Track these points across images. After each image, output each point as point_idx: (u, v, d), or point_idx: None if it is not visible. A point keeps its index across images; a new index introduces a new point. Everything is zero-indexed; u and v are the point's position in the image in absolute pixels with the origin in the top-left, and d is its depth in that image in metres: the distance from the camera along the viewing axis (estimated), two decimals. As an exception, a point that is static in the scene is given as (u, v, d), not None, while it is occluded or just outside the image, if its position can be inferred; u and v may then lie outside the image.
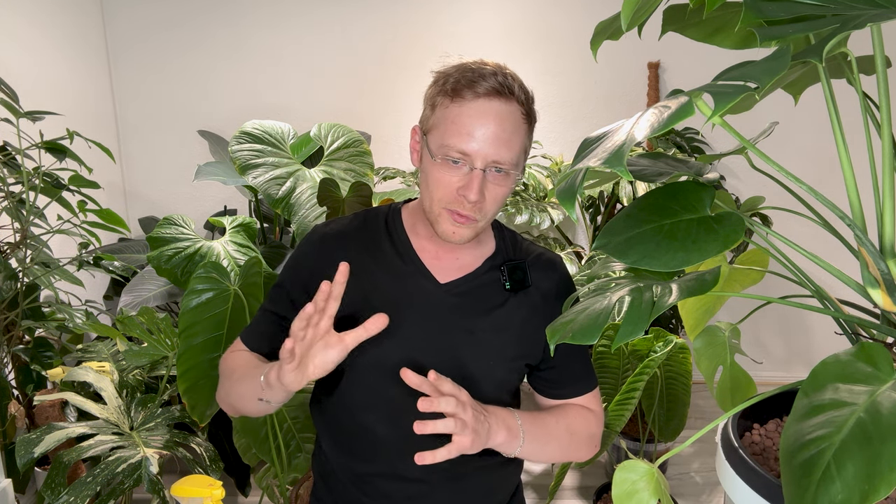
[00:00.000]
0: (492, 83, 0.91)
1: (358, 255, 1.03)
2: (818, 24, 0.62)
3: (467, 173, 0.93)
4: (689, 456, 2.58)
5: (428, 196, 0.97)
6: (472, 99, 0.91)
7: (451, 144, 0.91)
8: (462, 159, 0.92)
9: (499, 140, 0.91)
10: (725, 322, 1.06)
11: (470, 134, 0.91)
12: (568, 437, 1.03)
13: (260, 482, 1.74)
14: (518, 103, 0.94)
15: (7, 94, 1.77)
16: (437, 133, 0.94)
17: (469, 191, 0.92)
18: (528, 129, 0.97)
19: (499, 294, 1.03)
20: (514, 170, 0.95)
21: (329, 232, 1.07)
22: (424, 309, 1.00)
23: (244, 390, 0.96)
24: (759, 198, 1.03)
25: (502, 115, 0.92)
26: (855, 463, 0.53)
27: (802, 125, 2.84)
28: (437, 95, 0.96)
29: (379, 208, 1.10)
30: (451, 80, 0.94)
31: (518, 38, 2.93)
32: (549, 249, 1.14)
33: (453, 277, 1.03)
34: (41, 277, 1.89)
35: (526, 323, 1.03)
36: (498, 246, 1.08)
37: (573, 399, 1.09)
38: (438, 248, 1.04)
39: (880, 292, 0.74)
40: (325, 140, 2.46)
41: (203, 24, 2.93)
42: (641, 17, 0.86)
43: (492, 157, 0.91)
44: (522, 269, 1.04)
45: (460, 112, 0.92)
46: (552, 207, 2.54)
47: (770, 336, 3.20)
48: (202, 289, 1.55)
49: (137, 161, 3.08)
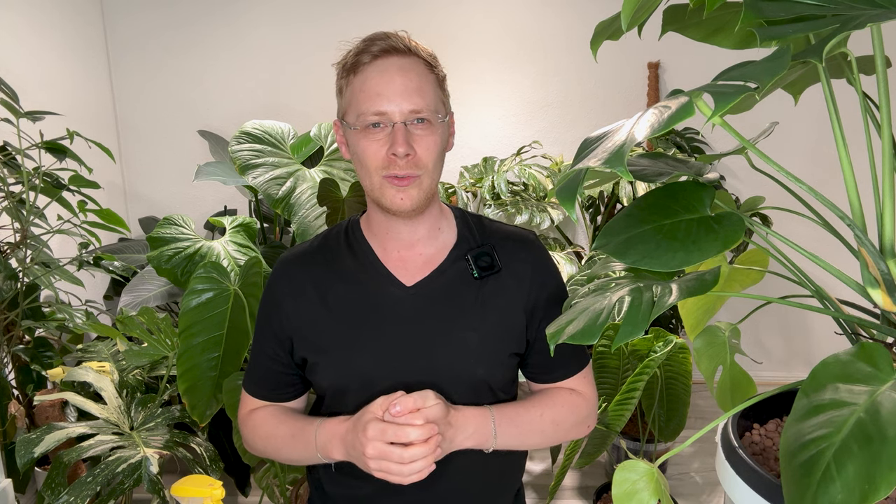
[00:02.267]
0: (383, 44, 0.93)
1: (321, 274, 1.03)
2: (818, 24, 0.62)
3: (390, 132, 0.92)
4: (689, 456, 2.58)
5: (364, 173, 0.96)
6: (369, 62, 0.92)
7: (365, 110, 0.92)
8: (379, 120, 0.92)
9: (407, 90, 0.91)
10: (725, 322, 1.06)
11: (378, 94, 0.91)
12: (553, 428, 1.02)
13: (260, 482, 1.74)
14: (418, 56, 0.94)
15: (7, 94, 1.77)
16: (352, 109, 0.95)
17: (395, 145, 0.91)
18: (436, 81, 0.96)
19: (469, 286, 1.01)
20: (436, 117, 0.94)
21: (289, 257, 1.07)
22: (395, 316, 0.99)
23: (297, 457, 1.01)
24: (759, 198, 1.02)
25: (404, 67, 0.92)
26: (855, 463, 0.53)
27: (802, 125, 2.84)
28: (341, 79, 0.97)
29: (339, 224, 1.10)
30: (347, 59, 0.95)
31: (518, 38, 2.93)
32: (522, 228, 1.10)
33: (419, 277, 1.01)
34: (41, 277, 1.89)
35: (503, 311, 1.01)
36: (461, 234, 1.05)
37: (563, 382, 1.07)
38: (399, 245, 1.02)
39: (880, 292, 0.74)
40: (325, 140, 2.46)
41: (203, 24, 2.93)
42: (641, 18, 0.86)
43: (406, 107, 0.91)
44: (488, 253, 1.02)
45: (363, 79, 0.92)
46: (552, 207, 2.54)
47: (770, 336, 3.20)
48: (202, 289, 1.55)
49: (137, 161, 3.08)
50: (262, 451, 1.07)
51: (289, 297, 1.02)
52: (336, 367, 1.00)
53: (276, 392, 1.08)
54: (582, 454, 1.86)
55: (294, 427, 1.01)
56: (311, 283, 1.02)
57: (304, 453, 0.99)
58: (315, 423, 0.98)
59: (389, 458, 0.86)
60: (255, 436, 1.06)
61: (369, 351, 0.99)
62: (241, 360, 1.60)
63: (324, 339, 1.00)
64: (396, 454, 0.85)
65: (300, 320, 1.01)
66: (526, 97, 3.00)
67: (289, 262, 1.06)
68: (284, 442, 1.01)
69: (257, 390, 1.09)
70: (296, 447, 1.00)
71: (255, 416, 1.08)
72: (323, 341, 1.00)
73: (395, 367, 0.98)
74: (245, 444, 1.10)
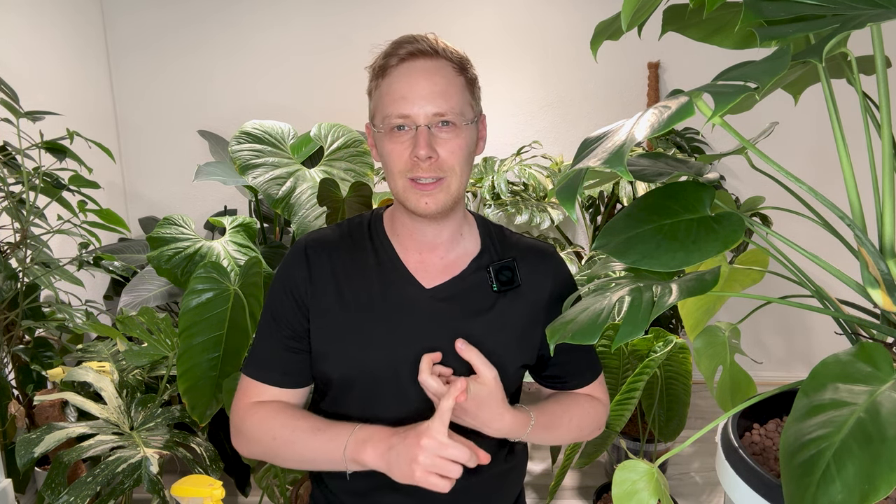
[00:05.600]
0: (411, 47, 0.92)
1: (343, 265, 1.02)
2: (818, 24, 0.62)
3: (413, 135, 0.92)
4: (689, 456, 2.58)
5: (389, 174, 0.96)
6: (396, 65, 0.92)
7: (390, 113, 0.92)
8: (403, 123, 0.92)
9: (432, 93, 0.91)
10: (725, 322, 1.06)
11: (403, 97, 0.91)
12: (576, 432, 1.06)
13: (260, 482, 1.74)
14: (446, 59, 0.94)
15: (7, 94, 1.77)
16: (378, 112, 0.95)
17: (418, 148, 0.91)
18: (465, 84, 0.95)
19: (487, 296, 1.01)
20: (462, 120, 0.94)
21: (311, 241, 1.05)
22: (411, 317, 0.99)
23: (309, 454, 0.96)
24: (759, 198, 1.02)
25: (430, 70, 0.92)
26: (855, 463, 0.53)
27: (802, 125, 2.84)
28: (371, 83, 0.97)
29: (361, 216, 1.09)
30: (376, 63, 0.95)
31: (518, 38, 2.93)
32: (540, 240, 1.11)
33: (439, 281, 1.01)
34: (41, 277, 1.89)
35: (519, 323, 1.01)
36: (484, 244, 1.05)
37: (580, 390, 1.09)
38: (421, 247, 1.02)
39: (880, 292, 0.74)
40: (325, 140, 2.46)
41: (203, 24, 2.93)
42: (641, 17, 0.86)
43: (430, 110, 0.91)
44: (510, 267, 1.02)
45: (390, 82, 0.93)
46: (552, 207, 2.54)
47: (770, 336, 3.20)
48: (202, 289, 1.55)
49: (137, 161, 3.08)
50: (265, 446, 0.99)
51: (308, 279, 1.01)
52: (347, 360, 0.99)
53: (287, 377, 1.02)
54: (582, 454, 1.86)
55: (317, 423, 0.96)
56: (330, 270, 1.01)
57: (327, 449, 0.93)
58: (348, 424, 0.95)
59: (441, 469, 0.85)
60: (263, 428, 0.98)
61: (382, 347, 0.98)
62: (241, 361, 1.60)
63: (338, 330, 0.99)
64: (448, 467, 0.85)
65: (316, 306, 1.00)
66: (526, 97, 3.00)
67: (311, 245, 1.04)
68: (304, 435, 0.95)
69: (265, 374, 1.02)
70: (319, 442, 0.94)
71: (262, 408, 1.00)
72: (337, 332, 0.99)
73: (404, 367, 0.97)
74: (240, 438, 1.01)
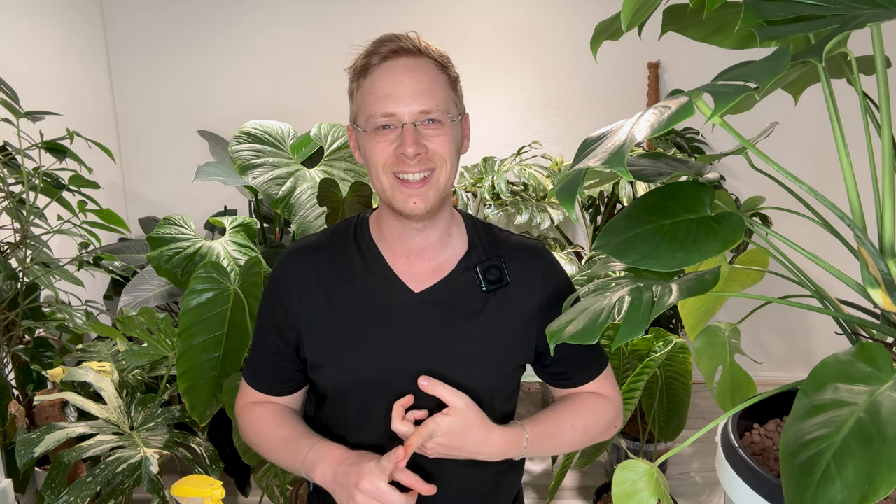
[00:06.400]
0: (394, 45, 0.91)
1: (329, 271, 1.01)
2: (818, 24, 0.62)
3: (399, 133, 0.91)
4: (689, 456, 2.58)
5: (374, 173, 0.94)
6: (378, 64, 0.91)
7: (374, 112, 0.91)
8: (389, 122, 0.91)
9: (416, 90, 0.90)
10: (725, 322, 1.06)
11: (387, 95, 0.90)
12: (583, 436, 1.03)
13: (260, 482, 1.74)
14: (428, 57, 0.93)
15: (7, 94, 1.77)
16: (362, 112, 0.94)
17: (405, 145, 0.89)
18: (448, 81, 0.95)
19: (477, 297, 0.99)
20: (447, 117, 0.93)
21: (297, 250, 1.04)
22: (401, 322, 0.98)
23: (283, 463, 1.02)
24: (759, 198, 1.02)
25: (413, 68, 0.91)
26: (855, 463, 0.53)
27: (802, 125, 2.84)
28: (352, 83, 0.96)
29: (347, 220, 1.08)
30: (357, 62, 0.94)
31: (518, 38, 2.93)
32: (529, 237, 1.09)
33: (428, 284, 0.99)
34: (41, 277, 1.89)
35: (512, 322, 1.00)
36: (471, 243, 1.03)
37: (585, 386, 1.06)
38: (409, 251, 1.00)
39: (880, 292, 0.74)
40: (325, 140, 2.46)
41: (203, 24, 2.93)
42: (641, 17, 0.86)
43: (415, 108, 0.90)
44: (497, 266, 1.00)
45: (372, 81, 0.91)
46: (552, 207, 2.54)
47: (770, 336, 3.20)
48: (202, 289, 1.55)
49: (137, 161, 3.08)
50: (255, 445, 1.06)
51: (295, 291, 1.01)
52: (340, 370, 0.99)
53: (274, 385, 1.07)
54: (582, 454, 1.86)
55: (290, 434, 1.01)
56: (318, 279, 1.01)
57: (291, 462, 0.99)
58: (313, 438, 0.98)
59: (383, 498, 0.86)
60: (252, 431, 1.06)
61: (374, 355, 0.98)
62: (241, 361, 1.60)
63: (329, 341, 0.99)
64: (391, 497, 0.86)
65: (306, 318, 1.00)
66: (526, 97, 3.00)
67: (296, 254, 1.04)
68: (277, 445, 1.01)
69: (257, 382, 1.08)
70: (286, 453, 1.00)
71: (254, 410, 1.07)
72: (328, 342, 1.00)
73: (399, 373, 0.97)
74: (240, 433, 1.10)
